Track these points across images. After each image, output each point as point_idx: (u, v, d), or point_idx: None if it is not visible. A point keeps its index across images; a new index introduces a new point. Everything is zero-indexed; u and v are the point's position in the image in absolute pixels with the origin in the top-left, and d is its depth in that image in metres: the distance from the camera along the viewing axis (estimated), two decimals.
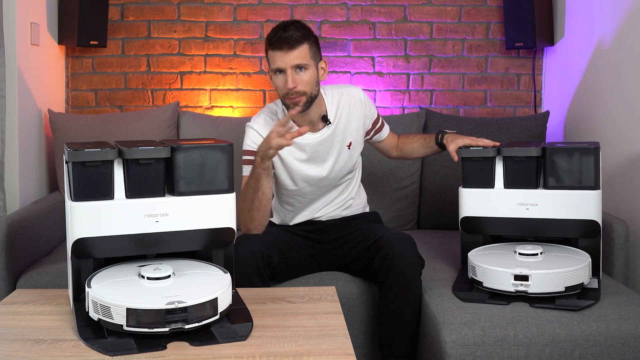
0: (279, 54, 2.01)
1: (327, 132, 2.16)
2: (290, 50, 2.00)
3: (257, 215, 2.04)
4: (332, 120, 2.16)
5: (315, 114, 2.14)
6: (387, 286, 1.96)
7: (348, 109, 2.19)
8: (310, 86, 2.05)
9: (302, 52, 2.02)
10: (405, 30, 3.14)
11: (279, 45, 2.01)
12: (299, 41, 2.01)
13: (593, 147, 1.94)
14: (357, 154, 2.26)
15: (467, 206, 2.05)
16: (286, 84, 2.02)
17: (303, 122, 2.13)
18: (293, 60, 2.01)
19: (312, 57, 2.06)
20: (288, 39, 2.00)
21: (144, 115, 2.80)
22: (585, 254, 1.93)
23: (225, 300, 1.49)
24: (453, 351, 1.71)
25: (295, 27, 2.03)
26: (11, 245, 2.13)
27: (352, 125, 2.20)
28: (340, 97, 2.19)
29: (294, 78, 2.02)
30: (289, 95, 2.03)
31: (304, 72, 2.03)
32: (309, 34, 2.06)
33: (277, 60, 2.02)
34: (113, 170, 1.51)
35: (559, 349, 1.73)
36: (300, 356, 1.36)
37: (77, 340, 1.42)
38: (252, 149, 2.12)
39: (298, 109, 2.02)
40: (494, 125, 2.82)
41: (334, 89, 2.22)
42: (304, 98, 2.04)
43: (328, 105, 2.18)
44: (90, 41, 2.91)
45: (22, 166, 2.55)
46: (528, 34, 2.95)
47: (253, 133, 2.15)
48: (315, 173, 2.16)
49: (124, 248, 1.53)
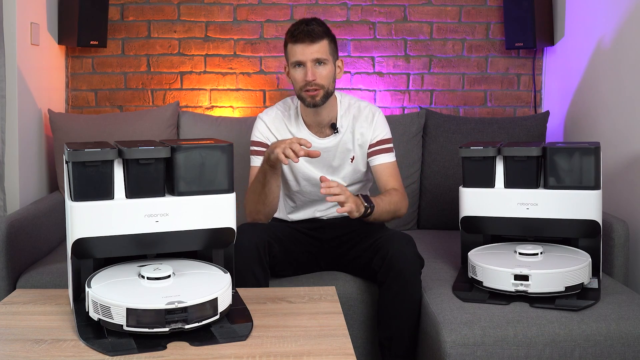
0: (300, 47, 2.05)
1: (333, 141, 2.18)
2: (311, 43, 2.05)
3: (262, 208, 2.09)
4: (339, 130, 2.18)
5: (326, 117, 2.16)
6: (387, 286, 1.96)
7: (357, 122, 2.20)
8: (328, 81, 2.09)
9: (323, 47, 2.07)
10: (405, 30, 3.14)
11: (301, 38, 2.05)
12: (320, 36, 2.06)
13: (593, 147, 1.94)
14: (362, 170, 2.24)
15: (467, 206, 2.05)
16: (305, 76, 2.06)
17: (314, 121, 2.16)
18: (313, 54, 2.05)
19: (331, 53, 2.10)
20: (310, 33, 2.04)
21: (144, 115, 2.80)
22: (585, 254, 1.93)
23: (225, 300, 1.49)
24: (453, 351, 1.71)
25: (316, 23, 2.08)
26: (11, 245, 2.13)
27: (357, 140, 2.20)
28: (353, 110, 2.21)
29: (314, 71, 2.06)
30: (306, 87, 2.06)
31: (323, 67, 2.08)
32: (329, 31, 2.12)
33: (298, 53, 2.06)
34: (113, 170, 1.50)
35: (559, 349, 1.73)
36: (300, 356, 1.36)
37: (77, 340, 1.42)
38: (259, 140, 2.19)
39: (317, 153, 1.92)
40: (494, 125, 2.82)
41: (351, 100, 2.23)
42: (321, 92, 2.07)
43: (340, 114, 2.19)
44: (90, 41, 2.91)
45: (22, 166, 2.55)
46: (528, 34, 2.95)
47: (261, 124, 2.20)
48: (316, 174, 2.17)
49: (124, 248, 1.53)
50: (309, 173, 2.18)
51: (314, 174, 2.17)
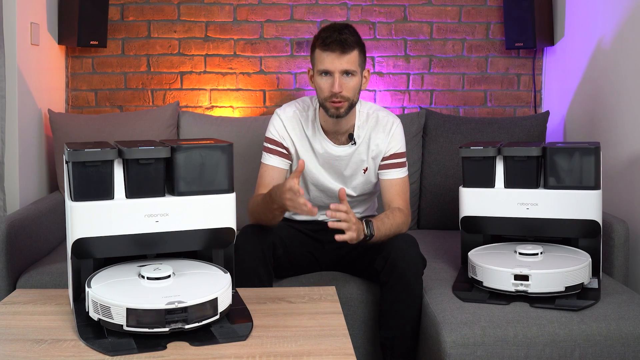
0: (330, 56, 1.97)
1: (347, 150, 2.14)
2: (342, 54, 1.96)
3: (266, 223, 2.04)
4: (356, 141, 2.13)
5: (345, 125, 2.11)
6: (390, 286, 1.96)
7: (374, 133, 2.14)
8: (354, 93, 2.02)
9: (353, 58, 1.98)
10: (405, 30, 3.14)
11: (333, 47, 1.95)
12: (352, 46, 1.97)
13: (593, 147, 1.94)
14: (374, 181, 2.20)
15: (467, 206, 2.05)
16: (331, 87, 1.98)
17: (332, 128, 2.11)
18: (343, 65, 1.97)
19: (359, 64, 2.02)
20: (343, 43, 1.95)
21: (144, 115, 2.80)
22: (585, 254, 1.93)
23: (225, 300, 1.49)
24: (453, 351, 1.71)
25: (349, 31, 1.98)
26: (11, 245, 2.13)
27: (371, 151, 2.15)
28: (371, 120, 2.14)
29: (341, 82, 1.98)
30: (332, 99, 1.99)
31: (351, 78, 1.99)
32: (361, 40, 2.02)
33: (327, 62, 1.97)
34: (113, 170, 1.50)
35: (559, 349, 1.73)
36: (300, 356, 1.36)
37: (77, 340, 1.42)
38: (273, 138, 2.13)
39: (315, 210, 1.85)
40: (494, 125, 2.82)
41: (370, 110, 2.16)
42: (346, 104, 2.01)
43: (357, 124, 2.13)
44: (90, 41, 2.91)
45: (22, 166, 2.55)
46: (528, 34, 2.95)
47: (277, 121, 2.15)
48: (325, 180, 2.16)
49: (124, 248, 1.53)
50: (319, 179, 2.16)
51: (324, 181, 2.16)
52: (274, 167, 2.13)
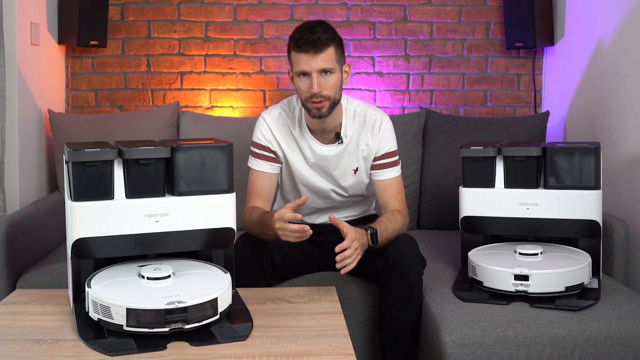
0: (305, 57, 1.93)
1: (335, 149, 2.11)
2: (316, 53, 1.92)
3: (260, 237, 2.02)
4: (343, 140, 2.09)
5: (331, 124, 2.07)
6: (390, 287, 1.95)
7: (362, 132, 2.11)
8: (334, 90, 1.98)
9: (329, 56, 1.94)
10: (405, 30, 3.14)
11: (306, 47, 1.91)
12: (325, 44, 1.92)
13: (593, 147, 1.94)
14: (366, 181, 2.16)
15: (467, 206, 2.05)
16: (310, 87, 1.94)
17: (318, 128, 2.08)
18: (319, 64, 1.93)
19: (337, 60, 1.98)
20: (315, 42, 1.91)
21: (144, 115, 2.80)
22: (586, 254, 1.93)
23: (225, 300, 1.49)
24: (453, 351, 1.71)
25: (322, 29, 1.94)
26: (11, 245, 2.12)
27: (361, 151, 2.11)
28: (358, 118, 2.11)
29: (319, 82, 1.94)
30: (312, 99, 1.97)
31: (330, 76, 1.95)
32: (335, 35, 1.98)
33: (303, 63, 1.94)
34: (113, 170, 1.51)
35: (559, 349, 1.73)
36: (300, 356, 1.36)
37: (77, 340, 1.42)
38: (260, 142, 2.10)
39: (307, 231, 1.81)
40: (494, 125, 2.82)
41: (357, 107, 2.12)
42: (327, 103, 1.97)
43: (344, 122, 2.10)
44: (90, 41, 2.91)
45: (22, 166, 2.55)
46: (528, 34, 2.95)
47: (263, 125, 2.12)
48: (316, 181, 2.15)
49: (124, 248, 1.54)
50: (309, 179, 2.13)
51: (314, 181, 2.14)
52: (263, 173, 2.10)
